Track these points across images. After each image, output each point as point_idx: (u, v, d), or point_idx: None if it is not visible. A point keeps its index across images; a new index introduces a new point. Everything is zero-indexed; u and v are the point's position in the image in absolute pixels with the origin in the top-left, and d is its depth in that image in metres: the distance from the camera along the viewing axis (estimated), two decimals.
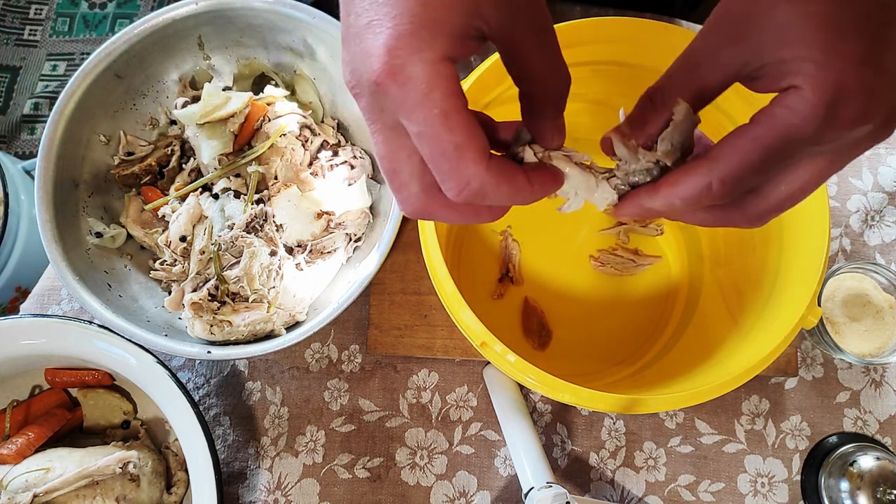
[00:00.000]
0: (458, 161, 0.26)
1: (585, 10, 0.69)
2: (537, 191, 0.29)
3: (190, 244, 0.55)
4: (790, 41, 0.25)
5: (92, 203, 0.58)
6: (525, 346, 0.59)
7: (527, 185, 0.28)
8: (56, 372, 0.56)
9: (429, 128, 0.25)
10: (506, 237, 0.62)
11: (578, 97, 0.56)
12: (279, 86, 0.61)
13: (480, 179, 0.26)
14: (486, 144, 0.26)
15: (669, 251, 0.62)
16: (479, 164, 0.26)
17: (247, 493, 0.58)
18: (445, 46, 0.25)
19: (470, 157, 0.26)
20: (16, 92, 1.56)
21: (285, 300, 0.55)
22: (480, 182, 0.26)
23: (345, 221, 0.58)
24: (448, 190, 0.27)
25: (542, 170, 0.30)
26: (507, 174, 0.27)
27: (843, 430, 0.58)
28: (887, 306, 0.57)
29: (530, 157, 0.31)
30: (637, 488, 0.57)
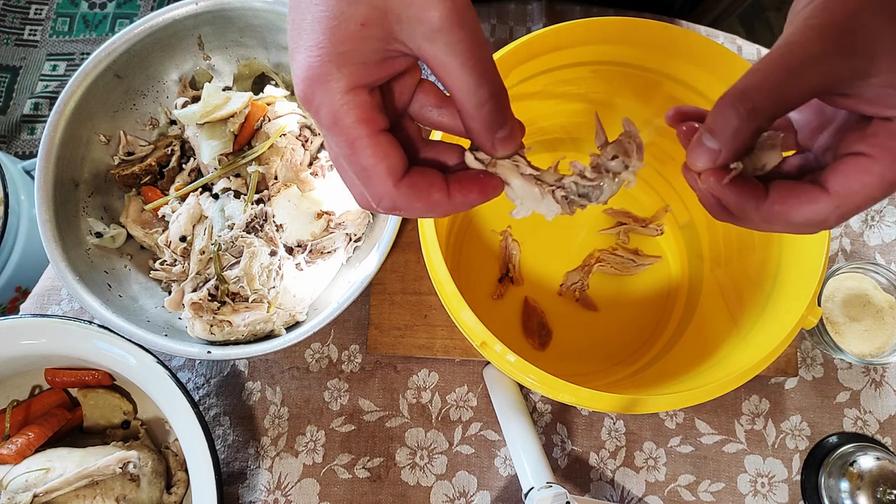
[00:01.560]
0: (367, 180, 0.28)
1: (586, 10, 0.69)
2: (459, 204, 0.30)
3: (190, 244, 0.55)
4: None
5: (92, 203, 0.58)
6: (525, 346, 0.59)
7: (444, 199, 0.29)
8: (56, 372, 0.56)
9: (341, 150, 0.28)
10: (506, 237, 0.62)
11: (578, 97, 0.56)
12: (279, 86, 0.61)
13: (390, 197, 0.29)
14: (395, 164, 0.28)
15: (669, 251, 0.62)
16: (387, 184, 0.28)
17: (247, 493, 0.58)
18: (354, 76, 0.27)
19: (377, 177, 0.28)
20: (16, 92, 1.56)
21: (285, 300, 0.55)
22: (391, 199, 0.29)
23: (345, 221, 0.58)
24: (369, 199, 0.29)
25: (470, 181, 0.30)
26: (420, 192, 0.29)
27: (843, 430, 0.58)
28: (887, 306, 0.57)
29: (472, 162, 0.31)
30: (637, 488, 0.57)
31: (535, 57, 0.48)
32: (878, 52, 0.26)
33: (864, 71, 0.26)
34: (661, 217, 0.63)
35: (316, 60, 0.27)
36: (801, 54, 0.27)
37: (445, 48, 0.26)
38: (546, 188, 0.32)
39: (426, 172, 0.29)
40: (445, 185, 0.29)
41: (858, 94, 0.27)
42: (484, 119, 0.28)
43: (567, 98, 0.56)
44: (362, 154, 0.27)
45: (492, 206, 0.62)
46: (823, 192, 0.28)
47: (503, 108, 0.29)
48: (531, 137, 0.61)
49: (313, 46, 0.27)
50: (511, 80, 0.50)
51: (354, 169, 0.28)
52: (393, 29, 0.26)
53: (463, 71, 0.27)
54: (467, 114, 0.28)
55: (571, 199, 0.32)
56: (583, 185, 0.32)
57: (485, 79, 0.27)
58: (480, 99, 0.28)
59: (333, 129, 0.27)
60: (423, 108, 0.31)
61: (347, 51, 0.26)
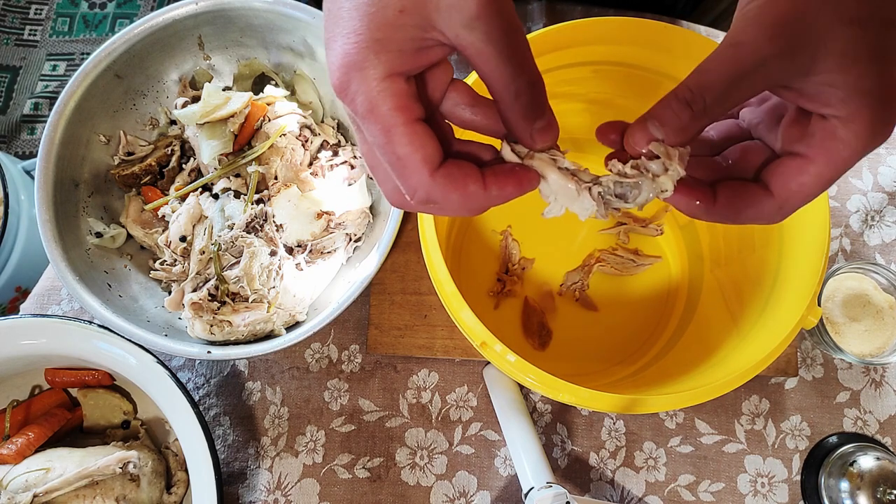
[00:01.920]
0: (402, 170, 0.28)
1: (586, 10, 0.69)
2: (495, 196, 0.29)
3: (190, 244, 0.55)
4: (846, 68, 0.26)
5: (92, 203, 0.58)
6: (525, 346, 0.59)
7: (481, 191, 0.29)
8: (56, 372, 0.56)
9: (375, 139, 0.27)
10: (506, 237, 0.62)
11: (578, 97, 0.56)
12: (279, 86, 0.61)
13: (426, 188, 0.28)
14: (431, 154, 0.27)
15: (669, 251, 0.62)
16: (423, 174, 0.27)
17: (247, 493, 0.58)
18: (391, 64, 0.27)
19: (413, 167, 0.27)
20: (16, 92, 1.56)
21: (285, 300, 0.55)
22: (426, 190, 0.28)
23: (345, 221, 0.58)
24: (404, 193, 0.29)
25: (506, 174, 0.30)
26: (456, 182, 0.28)
27: (843, 430, 0.58)
28: (887, 306, 0.57)
29: (509, 155, 0.31)
30: (637, 488, 0.57)
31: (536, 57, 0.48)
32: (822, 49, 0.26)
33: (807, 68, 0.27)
34: (661, 217, 0.63)
35: (353, 47, 0.26)
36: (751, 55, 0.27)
37: (483, 36, 0.26)
38: (583, 185, 0.32)
39: (462, 164, 0.29)
40: (482, 177, 0.29)
41: (799, 90, 0.28)
42: (522, 109, 0.28)
43: (567, 98, 0.56)
44: (398, 143, 0.27)
45: None
46: (767, 193, 0.30)
47: (541, 98, 0.29)
48: None
49: (350, 33, 0.26)
50: None
51: (389, 159, 0.28)
52: (431, 17, 0.26)
53: (500, 60, 0.27)
54: (505, 104, 0.28)
55: (607, 198, 0.32)
56: (621, 184, 0.32)
57: (522, 68, 0.27)
58: (519, 88, 0.27)
59: (369, 117, 0.27)
60: (455, 106, 0.30)
61: (385, 38, 0.26)
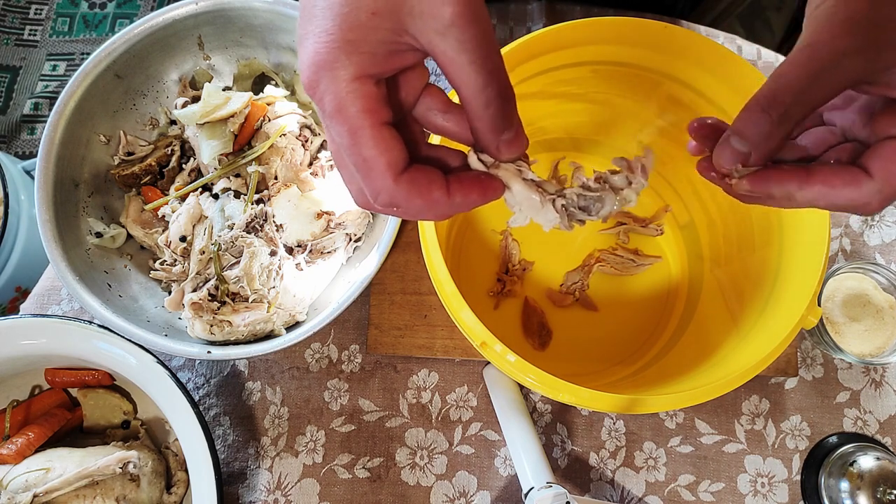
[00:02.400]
0: (367, 173, 0.28)
1: (586, 10, 0.69)
2: (458, 204, 0.29)
3: (190, 244, 0.55)
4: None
5: (92, 203, 0.58)
6: (525, 346, 0.59)
7: (444, 198, 0.29)
8: (56, 372, 0.56)
9: (342, 140, 0.27)
10: (506, 237, 0.62)
11: (578, 97, 0.56)
12: (279, 86, 0.61)
13: (389, 192, 0.28)
14: (397, 158, 0.27)
15: (669, 251, 0.62)
16: (386, 178, 0.27)
17: (247, 493, 0.58)
18: (362, 65, 0.26)
19: (377, 170, 0.27)
20: (16, 92, 1.56)
21: (285, 300, 0.55)
22: (389, 194, 0.28)
23: (345, 221, 0.58)
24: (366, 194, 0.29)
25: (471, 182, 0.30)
26: (420, 189, 0.28)
27: (843, 430, 0.58)
28: (887, 306, 0.57)
29: (475, 163, 0.31)
30: (637, 488, 0.57)
31: (535, 57, 0.48)
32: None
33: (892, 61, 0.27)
34: (661, 217, 0.63)
35: (323, 47, 0.26)
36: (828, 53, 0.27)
37: (456, 44, 0.26)
38: (546, 196, 0.32)
39: (427, 170, 0.29)
40: (446, 184, 0.29)
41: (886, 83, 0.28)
42: (490, 119, 0.28)
43: (567, 98, 0.56)
44: (364, 145, 0.27)
45: (492, 206, 0.62)
46: (866, 175, 0.29)
47: (510, 109, 0.28)
48: (531, 137, 0.61)
49: (322, 33, 0.26)
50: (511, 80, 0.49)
51: (354, 160, 0.28)
52: (404, 21, 0.26)
53: (472, 69, 0.26)
54: (473, 113, 0.28)
55: (571, 210, 0.32)
56: (584, 197, 0.32)
57: (493, 77, 0.27)
58: (488, 98, 0.27)
59: (336, 118, 0.27)
60: (428, 111, 0.31)
61: (356, 39, 0.26)
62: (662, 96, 0.53)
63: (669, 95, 0.52)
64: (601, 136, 0.61)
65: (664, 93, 0.52)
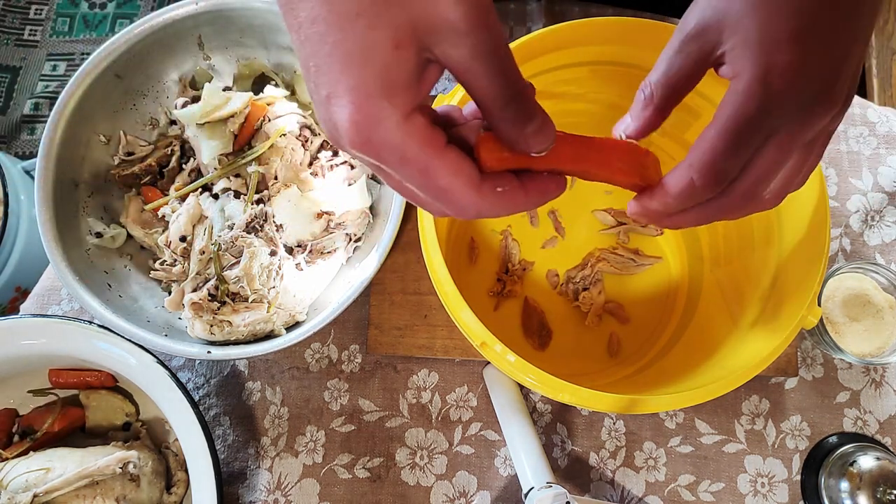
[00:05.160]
0: (449, 198, 0.28)
1: (585, 10, 0.69)
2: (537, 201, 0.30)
3: (190, 244, 0.55)
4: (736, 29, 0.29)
5: (92, 203, 0.58)
6: (525, 346, 0.59)
7: (522, 197, 0.30)
8: (60, 373, 0.56)
9: (414, 181, 0.27)
10: (506, 237, 0.62)
11: (578, 97, 0.56)
12: (279, 86, 0.61)
13: (476, 206, 0.28)
14: (470, 173, 0.28)
15: (669, 251, 0.62)
16: (470, 196, 0.28)
17: (247, 493, 0.58)
18: (406, 101, 0.26)
19: (458, 192, 0.28)
20: (16, 92, 1.56)
21: (285, 300, 0.55)
22: (476, 208, 0.29)
23: (345, 221, 0.58)
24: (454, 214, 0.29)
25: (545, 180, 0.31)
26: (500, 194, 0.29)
27: (843, 430, 0.58)
28: (887, 306, 0.57)
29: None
30: (637, 488, 0.57)
31: (535, 57, 0.48)
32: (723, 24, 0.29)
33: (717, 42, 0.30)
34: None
35: (365, 102, 0.25)
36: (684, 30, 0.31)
37: (470, 52, 0.26)
38: None
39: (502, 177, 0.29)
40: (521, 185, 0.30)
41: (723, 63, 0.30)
42: (511, 119, 0.28)
43: (567, 98, 0.56)
44: (438, 177, 0.27)
45: None
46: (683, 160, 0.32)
47: (529, 104, 0.28)
48: None
49: (355, 88, 0.25)
50: None
51: (433, 193, 0.28)
52: (423, 41, 0.25)
53: (487, 75, 0.26)
54: (494, 116, 0.28)
55: None
56: None
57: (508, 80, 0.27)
58: (505, 101, 0.27)
59: (403, 165, 0.27)
60: None
61: (390, 81, 0.25)
62: None
63: None
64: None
65: None
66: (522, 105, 0.28)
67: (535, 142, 0.29)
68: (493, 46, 0.26)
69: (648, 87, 0.33)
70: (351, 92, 0.25)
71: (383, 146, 0.26)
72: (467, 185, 0.28)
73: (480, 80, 0.27)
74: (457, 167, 0.27)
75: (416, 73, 0.26)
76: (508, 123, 0.28)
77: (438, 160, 0.27)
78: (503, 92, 0.27)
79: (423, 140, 0.26)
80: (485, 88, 0.27)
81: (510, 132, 0.29)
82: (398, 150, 0.26)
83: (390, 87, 0.25)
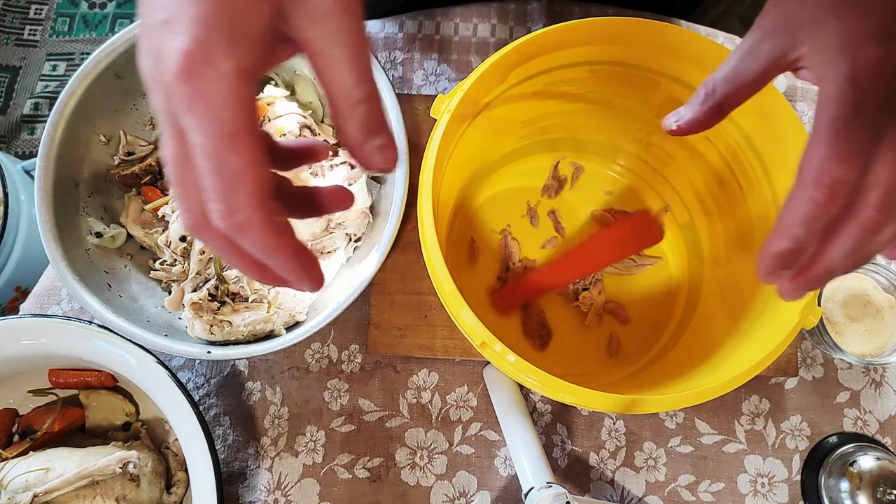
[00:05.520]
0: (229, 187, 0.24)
1: (584, 10, 0.69)
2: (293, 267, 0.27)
3: (190, 244, 0.55)
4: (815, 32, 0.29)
5: (92, 203, 0.58)
6: (525, 346, 0.59)
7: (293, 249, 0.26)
8: (60, 373, 0.56)
9: (204, 141, 0.24)
10: (505, 236, 0.62)
11: (578, 97, 0.56)
12: (279, 86, 0.61)
13: (248, 214, 0.24)
14: (267, 179, 0.25)
15: (669, 251, 0.62)
16: (252, 198, 0.24)
17: (247, 493, 0.58)
18: (244, 58, 0.24)
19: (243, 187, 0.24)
20: (16, 92, 1.56)
21: (285, 300, 0.55)
22: (248, 216, 0.24)
23: (345, 221, 0.58)
24: (212, 211, 0.25)
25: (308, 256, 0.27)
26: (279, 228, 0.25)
27: (843, 430, 0.58)
28: (887, 306, 0.57)
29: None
30: (637, 488, 0.57)
31: (535, 57, 0.48)
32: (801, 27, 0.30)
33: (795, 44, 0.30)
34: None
35: (203, 34, 0.23)
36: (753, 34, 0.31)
37: (329, 34, 0.24)
38: None
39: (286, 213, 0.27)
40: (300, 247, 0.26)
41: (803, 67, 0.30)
42: (359, 121, 0.26)
43: (567, 98, 0.56)
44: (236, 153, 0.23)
45: (492, 206, 0.62)
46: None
47: (381, 115, 0.27)
48: (531, 137, 0.61)
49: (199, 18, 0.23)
50: (511, 80, 0.50)
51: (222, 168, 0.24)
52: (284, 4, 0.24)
53: (343, 64, 0.25)
54: (342, 114, 0.26)
55: None
56: None
57: (364, 77, 0.26)
58: (358, 98, 0.26)
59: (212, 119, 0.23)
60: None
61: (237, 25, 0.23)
62: (662, 96, 0.53)
63: (669, 95, 0.52)
64: (601, 136, 0.61)
65: (664, 93, 0.52)
66: (374, 112, 0.26)
67: (376, 159, 0.27)
68: (354, 37, 0.25)
69: (711, 83, 0.33)
70: (194, 22, 0.23)
71: (203, 92, 0.23)
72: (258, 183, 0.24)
73: (335, 68, 0.25)
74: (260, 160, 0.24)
75: (266, 36, 0.24)
76: (355, 126, 0.26)
77: (247, 138, 0.24)
78: (356, 89, 0.25)
79: (242, 108, 0.23)
80: (338, 80, 0.25)
81: (354, 136, 0.27)
82: (215, 102, 0.23)
83: (237, 33, 0.23)
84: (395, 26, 0.69)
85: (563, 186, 0.64)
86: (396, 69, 0.68)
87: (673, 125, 0.34)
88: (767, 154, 0.49)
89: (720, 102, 0.33)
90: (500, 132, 0.58)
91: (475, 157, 0.58)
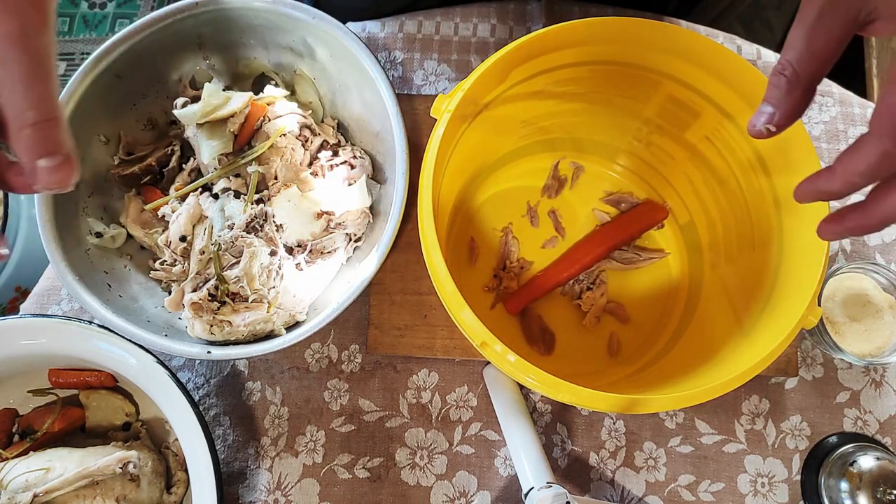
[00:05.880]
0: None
1: (584, 10, 0.69)
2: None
3: (190, 244, 0.55)
4: None
5: (92, 203, 0.58)
6: (530, 352, 0.59)
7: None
8: (59, 373, 0.56)
9: None
10: (506, 234, 0.62)
11: (578, 97, 0.56)
12: (279, 86, 0.61)
13: None
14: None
15: (670, 250, 0.62)
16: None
17: (247, 493, 0.58)
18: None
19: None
20: None
21: (285, 300, 0.55)
22: None
23: (345, 221, 0.58)
24: None
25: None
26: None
27: (843, 430, 0.58)
28: (887, 306, 0.57)
29: None
30: (637, 488, 0.57)
31: (535, 57, 0.48)
32: None
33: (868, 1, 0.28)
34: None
35: None
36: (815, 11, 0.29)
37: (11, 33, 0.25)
38: None
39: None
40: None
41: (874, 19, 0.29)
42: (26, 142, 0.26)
43: (567, 98, 0.56)
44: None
45: (493, 205, 0.62)
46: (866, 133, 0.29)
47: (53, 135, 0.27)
48: (531, 137, 0.61)
49: None
50: (511, 80, 0.50)
51: None
52: None
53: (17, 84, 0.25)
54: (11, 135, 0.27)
55: None
56: None
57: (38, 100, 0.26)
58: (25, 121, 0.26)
59: None
60: None
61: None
62: (662, 96, 0.53)
63: (669, 95, 0.52)
64: (601, 136, 0.61)
65: (664, 93, 0.52)
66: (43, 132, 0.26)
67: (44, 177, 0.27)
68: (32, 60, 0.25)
69: (789, 67, 0.30)
70: None
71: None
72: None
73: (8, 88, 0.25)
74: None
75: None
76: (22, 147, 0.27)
77: None
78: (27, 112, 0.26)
79: None
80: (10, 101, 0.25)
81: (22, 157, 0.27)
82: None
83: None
84: (395, 26, 0.69)
85: (563, 186, 0.64)
86: (396, 69, 0.68)
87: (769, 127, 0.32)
88: (767, 153, 0.49)
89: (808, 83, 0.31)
90: (500, 132, 0.58)
91: (475, 157, 0.58)
